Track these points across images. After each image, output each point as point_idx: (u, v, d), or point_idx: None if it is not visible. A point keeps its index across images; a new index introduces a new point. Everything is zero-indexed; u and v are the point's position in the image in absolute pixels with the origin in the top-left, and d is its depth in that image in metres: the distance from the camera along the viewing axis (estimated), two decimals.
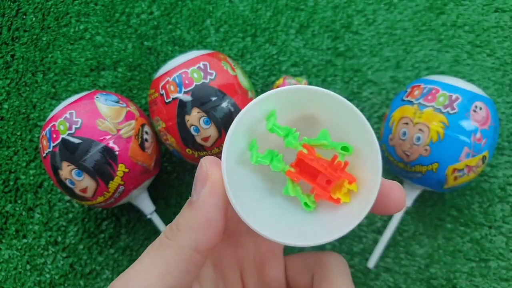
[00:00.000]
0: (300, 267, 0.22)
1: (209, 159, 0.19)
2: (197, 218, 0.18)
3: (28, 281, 0.37)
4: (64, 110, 0.31)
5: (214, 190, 0.18)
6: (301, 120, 0.20)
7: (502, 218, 0.36)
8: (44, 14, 0.43)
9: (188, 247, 0.18)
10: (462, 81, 0.32)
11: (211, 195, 0.18)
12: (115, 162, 0.31)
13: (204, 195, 0.18)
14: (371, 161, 0.18)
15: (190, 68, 0.32)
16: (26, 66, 0.42)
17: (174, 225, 0.18)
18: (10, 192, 0.39)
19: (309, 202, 0.19)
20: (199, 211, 0.18)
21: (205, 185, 0.18)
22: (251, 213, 0.18)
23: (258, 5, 0.42)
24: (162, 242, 0.18)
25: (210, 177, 0.18)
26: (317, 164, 0.18)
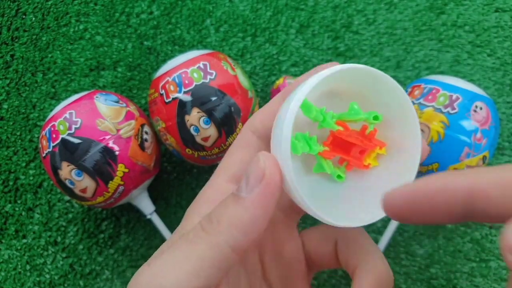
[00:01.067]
0: (320, 238, 0.22)
1: (268, 156, 0.17)
2: (243, 217, 0.16)
3: (28, 281, 0.37)
4: (63, 110, 0.31)
5: (269, 191, 0.16)
6: (321, 95, 0.19)
7: None
8: (43, 14, 0.43)
9: (227, 244, 0.16)
10: (463, 81, 0.32)
11: (265, 196, 0.16)
12: (114, 162, 0.31)
13: (257, 194, 0.16)
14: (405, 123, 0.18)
15: (190, 68, 0.32)
16: (26, 66, 0.42)
17: (214, 218, 0.17)
18: (10, 192, 0.39)
19: (341, 173, 0.19)
20: (247, 209, 0.16)
21: (259, 183, 0.16)
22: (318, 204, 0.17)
23: (258, 4, 0.42)
24: (197, 235, 0.17)
25: (267, 176, 0.16)
26: (353, 138, 0.18)
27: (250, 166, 0.17)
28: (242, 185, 0.17)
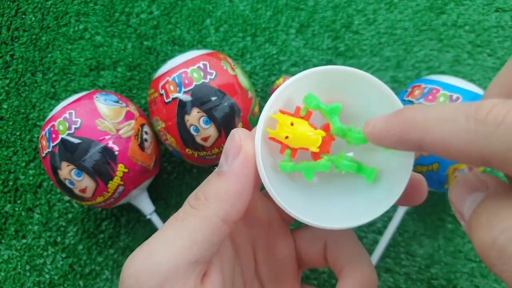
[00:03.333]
0: (310, 238, 0.23)
1: (242, 131, 0.18)
2: (228, 188, 0.18)
3: (28, 281, 0.37)
4: (63, 110, 0.31)
5: (247, 162, 0.18)
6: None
7: None
8: (43, 13, 0.43)
9: (217, 216, 0.17)
10: (463, 81, 0.32)
11: (244, 167, 0.18)
12: (114, 162, 0.31)
13: (237, 166, 0.18)
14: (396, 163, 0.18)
15: (190, 68, 0.32)
16: (26, 66, 0.42)
17: (201, 195, 0.18)
18: (10, 192, 0.39)
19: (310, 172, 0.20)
20: (231, 181, 0.18)
21: (238, 156, 0.18)
22: (282, 196, 0.18)
23: (258, 4, 0.42)
24: (187, 212, 0.18)
25: (243, 149, 0.18)
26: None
27: (227, 143, 0.18)
28: (222, 161, 0.18)
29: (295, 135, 0.19)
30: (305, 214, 0.18)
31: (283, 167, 0.19)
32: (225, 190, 0.18)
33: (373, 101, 0.19)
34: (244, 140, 0.18)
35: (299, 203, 0.19)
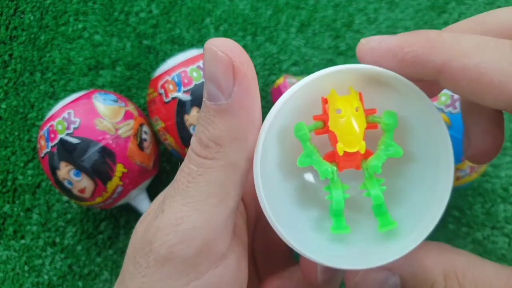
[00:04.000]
0: None
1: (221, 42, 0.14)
2: (239, 124, 0.14)
3: (26, 282, 0.37)
4: (62, 110, 0.31)
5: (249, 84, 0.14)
6: None
7: (504, 218, 0.36)
8: (42, 13, 0.43)
9: (241, 159, 0.15)
10: None
11: (248, 91, 0.14)
12: (113, 162, 0.31)
13: (238, 93, 0.14)
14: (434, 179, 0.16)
15: (190, 67, 0.31)
16: (24, 66, 0.42)
17: (211, 142, 0.15)
18: (8, 193, 0.39)
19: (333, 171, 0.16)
20: (239, 115, 0.14)
21: (235, 80, 0.14)
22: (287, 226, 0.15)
23: (258, 3, 0.42)
24: (204, 165, 0.15)
25: (238, 66, 0.14)
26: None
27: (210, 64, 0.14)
28: (213, 92, 0.14)
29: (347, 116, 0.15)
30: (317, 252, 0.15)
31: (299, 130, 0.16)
32: (237, 127, 0.14)
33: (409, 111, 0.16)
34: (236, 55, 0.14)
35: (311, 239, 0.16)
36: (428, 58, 0.13)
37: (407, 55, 0.14)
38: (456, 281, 0.15)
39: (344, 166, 0.16)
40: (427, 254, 0.15)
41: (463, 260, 0.15)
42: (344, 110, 0.15)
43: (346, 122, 0.15)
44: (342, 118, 0.15)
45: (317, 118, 0.16)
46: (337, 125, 0.15)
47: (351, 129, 0.15)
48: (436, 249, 0.16)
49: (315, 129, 0.16)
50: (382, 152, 0.16)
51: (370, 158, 0.16)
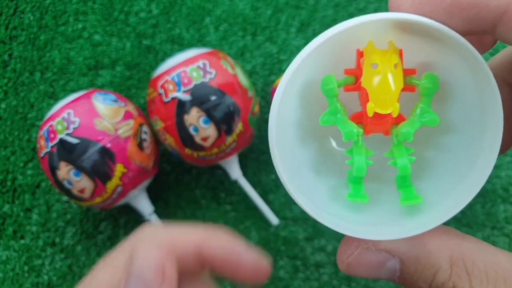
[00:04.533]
0: None
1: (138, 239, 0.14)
2: None
3: (26, 282, 0.37)
4: (61, 110, 0.31)
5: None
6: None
7: (505, 219, 0.36)
8: (42, 12, 0.43)
9: None
10: None
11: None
12: (113, 162, 0.31)
13: None
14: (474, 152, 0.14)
15: (189, 67, 0.31)
16: (24, 65, 0.42)
17: None
18: (8, 193, 0.39)
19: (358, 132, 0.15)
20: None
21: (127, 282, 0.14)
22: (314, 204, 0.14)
23: (258, 3, 0.42)
24: None
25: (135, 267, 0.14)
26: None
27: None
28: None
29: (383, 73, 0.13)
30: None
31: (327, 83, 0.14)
32: None
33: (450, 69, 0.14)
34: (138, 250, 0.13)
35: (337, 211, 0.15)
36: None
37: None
38: (463, 269, 0.13)
39: (371, 129, 0.14)
40: (433, 237, 0.14)
41: (473, 247, 0.14)
42: (381, 65, 0.14)
43: (382, 79, 0.13)
44: (377, 74, 0.14)
45: (349, 73, 0.14)
46: (371, 81, 0.14)
47: (386, 88, 0.13)
48: (443, 233, 0.14)
49: (345, 84, 0.14)
50: (417, 119, 0.14)
51: (402, 123, 0.14)
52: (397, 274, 0.14)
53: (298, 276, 0.36)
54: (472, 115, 0.14)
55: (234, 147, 0.33)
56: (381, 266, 0.14)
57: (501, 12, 0.11)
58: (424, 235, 0.14)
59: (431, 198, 0.15)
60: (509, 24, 0.12)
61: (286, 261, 0.36)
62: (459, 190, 0.14)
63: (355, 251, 0.14)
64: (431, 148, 0.16)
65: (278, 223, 0.37)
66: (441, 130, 0.15)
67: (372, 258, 0.14)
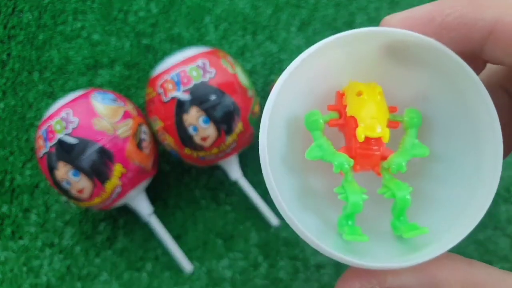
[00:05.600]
0: None
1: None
2: None
3: (25, 283, 0.37)
4: (60, 110, 0.31)
5: None
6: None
7: (506, 219, 0.36)
8: (40, 12, 0.42)
9: None
10: None
11: None
12: (112, 163, 0.30)
13: None
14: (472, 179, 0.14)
15: (189, 66, 0.31)
16: (23, 65, 0.41)
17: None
18: (6, 193, 0.39)
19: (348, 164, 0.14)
20: None
21: None
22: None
23: (259, 2, 0.42)
24: None
25: None
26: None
27: None
28: None
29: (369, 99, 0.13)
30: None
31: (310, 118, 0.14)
32: None
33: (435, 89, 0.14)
34: None
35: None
36: (476, 17, 0.11)
37: (448, 17, 0.12)
38: None
39: (360, 163, 0.14)
40: (440, 267, 0.13)
41: (482, 273, 0.13)
42: (365, 92, 0.14)
43: (369, 104, 0.13)
44: (363, 100, 0.14)
45: (332, 108, 0.14)
46: (358, 108, 0.13)
47: (374, 111, 0.13)
48: (450, 261, 0.14)
49: (329, 119, 0.14)
50: (406, 150, 0.14)
51: (392, 155, 0.14)
52: None
53: (299, 277, 0.36)
54: (467, 143, 0.14)
55: (234, 147, 0.33)
56: None
57: (488, 31, 0.11)
58: (430, 267, 0.13)
59: (432, 230, 0.14)
60: (496, 43, 0.12)
61: (287, 261, 0.36)
62: (461, 220, 0.14)
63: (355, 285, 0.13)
64: (427, 180, 0.15)
65: (278, 224, 0.37)
66: (435, 161, 0.15)
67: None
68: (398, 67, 0.14)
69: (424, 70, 0.14)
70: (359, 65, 0.14)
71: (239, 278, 0.36)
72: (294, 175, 0.15)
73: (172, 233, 0.36)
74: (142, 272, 0.36)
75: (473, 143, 0.14)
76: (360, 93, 0.14)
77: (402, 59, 0.14)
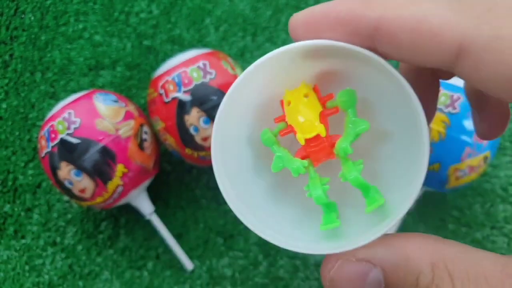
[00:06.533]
0: None
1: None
2: None
3: (27, 282, 0.37)
4: (62, 110, 0.31)
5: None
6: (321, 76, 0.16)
7: (504, 218, 0.36)
8: (42, 13, 0.43)
9: None
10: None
11: None
12: (113, 162, 0.31)
13: None
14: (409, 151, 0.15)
15: (190, 67, 0.31)
16: (25, 66, 0.42)
17: None
18: (9, 193, 0.39)
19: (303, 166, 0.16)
20: None
21: None
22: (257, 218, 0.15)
23: (258, 4, 0.42)
24: None
25: None
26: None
27: None
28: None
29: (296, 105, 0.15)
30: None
31: (263, 136, 0.16)
32: None
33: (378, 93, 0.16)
34: None
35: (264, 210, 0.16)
36: (363, 13, 0.12)
37: (340, 13, 0.13)
38: (445, 271, 0.13)
39: (316, 158, 0.16)
40: (411, 243, 0.14)
41: (453, 250, 0.14)
42: (292, 100, 0.16)
43: (296, 110, 0.15)
44: (292, 108, 0.15)
45: (278, 120, 0.16)
46: (291, 116, 0.15)
47: (303, 115, 0.15)
48: (421, 238, 0.14)
49: (278, 131, 0.16)
50: (349, 131, 0.15)
51: (338, 141, 0.16)
52: (382, 286, 0.14)
53: (298, 275, 0.36)
54: (403, 122, 0.15)
55: None
56: (364, 278, 0.14)
57: (374, 27, 0.12)
58: (401, 242, 0.14)
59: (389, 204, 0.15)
60: (381, 39, 0.13)
61: (286, 260, 0.36)
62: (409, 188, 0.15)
63: (336, 264, 0.14)
64: (380, 157, 0.17)
65: None
66: (381, 141, 0.17)
67: (353, 269, 0.14)
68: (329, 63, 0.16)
69: (352, 62, 0.15)
70: (294, 72, 0.16)
71: (239, 276, 0.36)
72: (265, 176, 0.17)
73: (173, 232, 0.36)
74: (143, 271, 0.37)
75: (409, 122, 0.15)
76: (289, 102, 0.16)
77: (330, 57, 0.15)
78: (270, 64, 0.15)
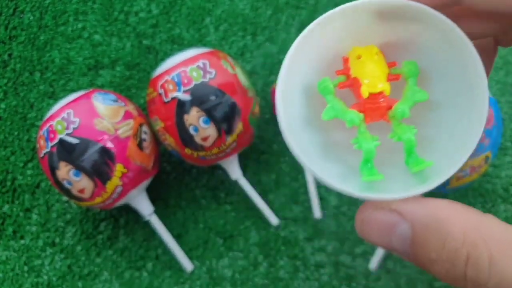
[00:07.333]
0: None
1: None
2: None
3: (26, 282, 0.37)
4: (61, 110, 0.31)
5: None
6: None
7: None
8: (41, 12, 0.43)
9: None
10: None
11: None
12: (112, 162, 0.31)
13: None
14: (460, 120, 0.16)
15: (189, 67, 0.31)
16: (24, 65, 0.42)
17: None
18: (8, 193, 0.39)
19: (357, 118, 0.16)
20: None
21: None
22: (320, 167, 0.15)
23: (258, 3, 0.42)
24: None
25: None
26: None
27: None
28: None
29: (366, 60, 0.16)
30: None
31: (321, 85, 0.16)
32: None
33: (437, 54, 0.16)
34: None
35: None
36: None
37: None
38: (479, 237, 0.13)
39: (370, 115, 0.16)
40: (446, 207, 0.14)
41: (491, 219, 0.13)
42: (364, 55, 0.16)
43: (367, 64, 0.16)
44: (363, 62, 0.16)
45: (340, 73, 0.17)
46: (359, 69, 0.16)
47: (373, 70, 0.16)
48: (458, 206, 0.14)
49: (338, 83, 0.17)
50: (408, 97, 0.16)
51: (396, 104, 0.16)
52: (408, 243, 0.14)
53: (298, 276, 0.36)
54: (457, 91, 0.16)
55: (234, 147, 0.33)
56: (392, 229, 0.14)
57: None
58: (436, 204, 0.14)
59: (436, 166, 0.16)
60: None
61: (286, 261, 0.36)
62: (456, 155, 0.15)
63: (369, 210, 0.15)
64: (429, 126, 0.17)
65: (278, 223, 0.37)
66: (435, 108, 0.17)
67: (385, 217, 0.14)
68: (393, 28, 0.16)
69: (416, 28, 0.16)
70: (359, 31, 0.16)
71: (239, 277, 0.36)
72: (316, 133, 0.18)
73: (172, 233, 0.36)
74: (142, 271, 0.36)
75: (466, 88, 0.16)
76: (359, 56, 0.16)
77: (395, 20, 0.16)
78: (337, 19, 0.16)
